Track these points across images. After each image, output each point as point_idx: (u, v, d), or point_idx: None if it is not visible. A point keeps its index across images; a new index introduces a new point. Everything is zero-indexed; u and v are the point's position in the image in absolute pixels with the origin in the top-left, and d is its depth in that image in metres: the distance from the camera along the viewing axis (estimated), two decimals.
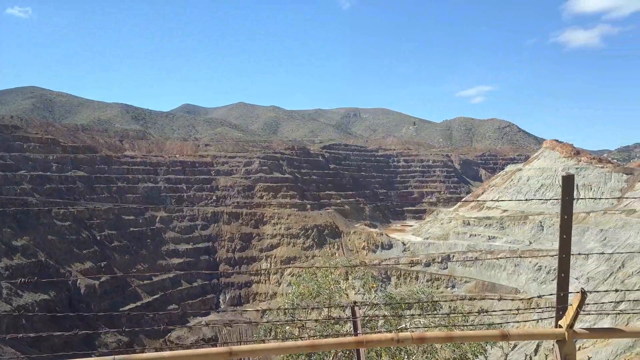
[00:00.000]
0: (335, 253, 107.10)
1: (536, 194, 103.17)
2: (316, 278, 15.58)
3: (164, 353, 4.03)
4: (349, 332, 12.77)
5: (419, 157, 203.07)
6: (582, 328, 4.61)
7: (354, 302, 8.66)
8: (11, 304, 62.79)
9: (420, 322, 14.03)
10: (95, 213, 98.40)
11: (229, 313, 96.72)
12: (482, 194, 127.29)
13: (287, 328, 14.33)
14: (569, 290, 4.84)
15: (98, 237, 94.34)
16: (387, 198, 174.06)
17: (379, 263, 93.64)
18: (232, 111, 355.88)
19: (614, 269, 57.02)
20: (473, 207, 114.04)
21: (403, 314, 14.18)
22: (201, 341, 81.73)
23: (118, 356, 4.03)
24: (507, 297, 70.43)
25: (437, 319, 13.43)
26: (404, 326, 13.75)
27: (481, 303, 65.64)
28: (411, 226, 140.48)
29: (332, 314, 14.57)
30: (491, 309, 61.76)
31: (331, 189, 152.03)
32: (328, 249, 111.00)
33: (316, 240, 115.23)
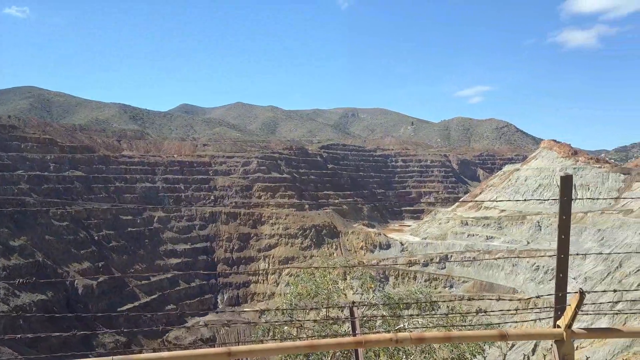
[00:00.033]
0: (333, 253, 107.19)
1: (534, 194, 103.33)
2: (314, 278, 15.56)
3: (163, 354, 4.02)
4: (347, 332, 12.77)
5: (417, 157, 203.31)
6: (581, 328, 4.62)
7: (353, 302, 8.66)
8: (8, 305, 62.64)
9: (418, 322, 14.03)
10: (92, 213, 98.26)
11: (227, 313, 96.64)
12: (480, 194, 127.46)
13: (286, 328, 14.32)
14: (567, 290, 4.85)
15: (96, 237, 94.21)
16: (385, 198, 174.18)
17: (377, 263, 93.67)
18: (230, 111, 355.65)
19: (612, 269, 57.14)
20: (471, 207, 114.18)
21: (401, 314, 14.18)
22: (199, 341, 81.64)
23: (117, 357, 4.02)
24: (505, 297, 70.57)
25: (435, 319, 13.43)
26: (402, 326, 13.76)
27: (479, 303, 65.73)
28: (409, 226, 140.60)
29: (331, 314, 14.56)
30: (489, 309, 61.90)
31: (329, 189, 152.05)
32: (326, 249, 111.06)
33: (314, 240, 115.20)
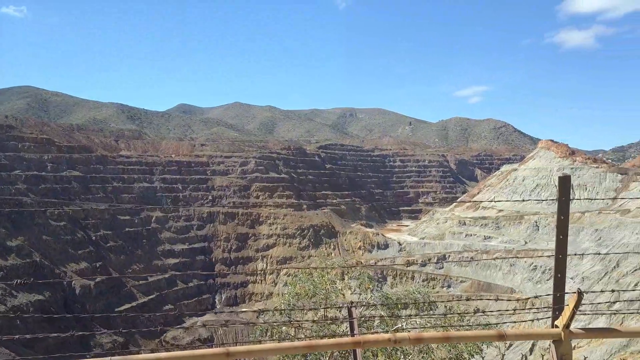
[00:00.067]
0: (331, 253, 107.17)
1: (531, 194, 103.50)
2: (312, 278, 15.54)
3: (161, 354, 4.02)
4: (345, 332, 12.77)
5: (415, 157, 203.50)
6: (579, 328, 4.63)
7: (351, 303, 8.65)
8: (6, 305, 62.47)
9: (416, 322, 14.03)
10: (90, 213, 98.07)
11: (225, 313, 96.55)
12: (478, 194, 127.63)
13: (284, 328, 14.31)
14: (565, 290, 4.85)
15: (93, 238, 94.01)
16: (383, 198, 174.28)
17: (375, 263, 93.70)
18: (228, 111, 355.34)
19: (609, 269, 57.27)
20: (469, 207, 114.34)
21: (399, 314, 14.18)
22: (197, 341, 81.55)
23: (115, 357, 4.01)
24: (503, 297, 70.65)
25: (434, 319, 13.43)
26: (400, 326, 13.75)
27: (477, 303, 65.78)
28: (407, 226, 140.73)
29: (329, 315, 14.55)
30: (487, 309, 61.97)
31: (327, 189, 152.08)
32: (324, 249, 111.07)
33: (312, 240, 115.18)
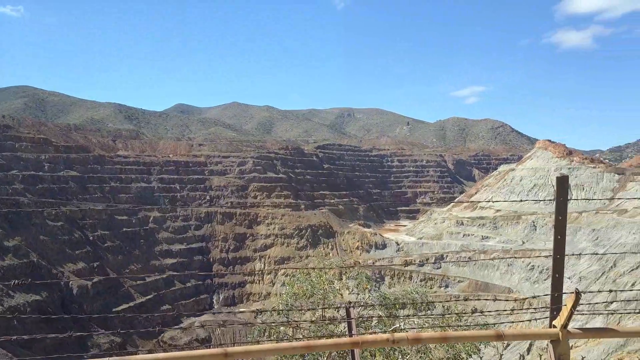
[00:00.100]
0: (329, 253, 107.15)
1: (529, 194, 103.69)
2: (310, 278, 15.53)
3: (159, 355, 4.01)
4: (343, 332, 12.77)
5: (413, 157, 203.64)
6: (576, 328, 4.63)
7: (349, 303, 8.65)
8: (3, 305, 62.25)
9: (414, 322, 14.04)
10: (87, 213, 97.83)
11: (223, 313, 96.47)
12: (476, 194, 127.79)
13: (282, 329, 14.29)
14: (562, 290, 4.86)
15: (91, 238, 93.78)
16: (381, 198, 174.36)
17: (373, 263, 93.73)
18: (226, 111, 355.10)
19: (606, 269, 57.37)
20: (466, 207, 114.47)
21: (397, 314, 14.18)
22: (195, 342, 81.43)
23: (113, 358, 4.01)
24: (501, 297, 70.73)
25: (432, 319, 13.44)
26: (398, 326, 13.76)
27: (474, 303, 65.86)
28: (405, 226, 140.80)
29: (327, 315, 14.54)
30: (485, 309, 62.06)
31: (325, 189, 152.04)
32: (322, 249, 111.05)
33: (310, 240, 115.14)
